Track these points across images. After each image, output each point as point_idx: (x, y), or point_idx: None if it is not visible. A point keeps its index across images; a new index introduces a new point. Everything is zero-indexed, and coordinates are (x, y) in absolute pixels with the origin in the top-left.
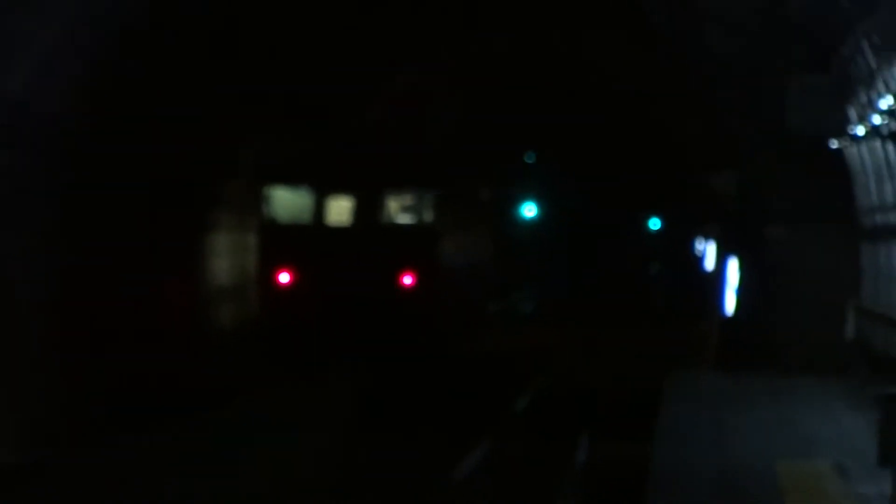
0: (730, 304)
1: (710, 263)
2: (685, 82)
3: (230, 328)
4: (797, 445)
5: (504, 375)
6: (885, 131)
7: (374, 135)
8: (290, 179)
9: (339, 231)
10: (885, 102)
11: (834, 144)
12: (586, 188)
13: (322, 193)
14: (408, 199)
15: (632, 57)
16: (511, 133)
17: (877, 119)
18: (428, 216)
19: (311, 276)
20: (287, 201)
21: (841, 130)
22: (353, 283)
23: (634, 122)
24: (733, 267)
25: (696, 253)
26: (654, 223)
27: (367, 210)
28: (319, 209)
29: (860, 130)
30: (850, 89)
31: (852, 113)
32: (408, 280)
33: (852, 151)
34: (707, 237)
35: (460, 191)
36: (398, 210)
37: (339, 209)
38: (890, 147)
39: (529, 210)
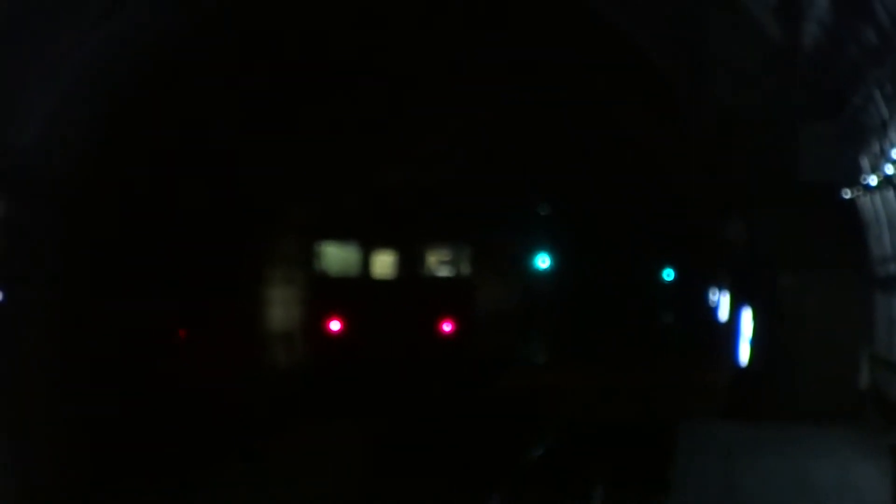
0: (744, 354)
1: (723, 313)
2: (696, 132)
3: (282, 369)
4: (810, 494)
5: (528, 415)
6: None
7: (413, 194)
8: (338, 235)
9: (383, 283)
10: None
11: (846, 194)
12: (599, 239)
13: (367, 248)
14: (445, 253)
15: (642, 107)
16: (528, 187)
17: (889, 169)
18: (464, 269)
19: (358, 324)
20: (335, 256)
21: (853, 180)
22: (397, 329)
23: (646, 172)
24: (747, 316)
25: (710, 303)
26: (668, 274)
27: (409, 263)
28: (365, 263)
29: (873, 180)
30: (863, 138)
31: (865, 162)
32: (447, 327)
33: (865, 201)
34: (721, 287)
35: (491, 245)
36: (437, 263)
37: (383, 263)
38: None
39: (543, 261)
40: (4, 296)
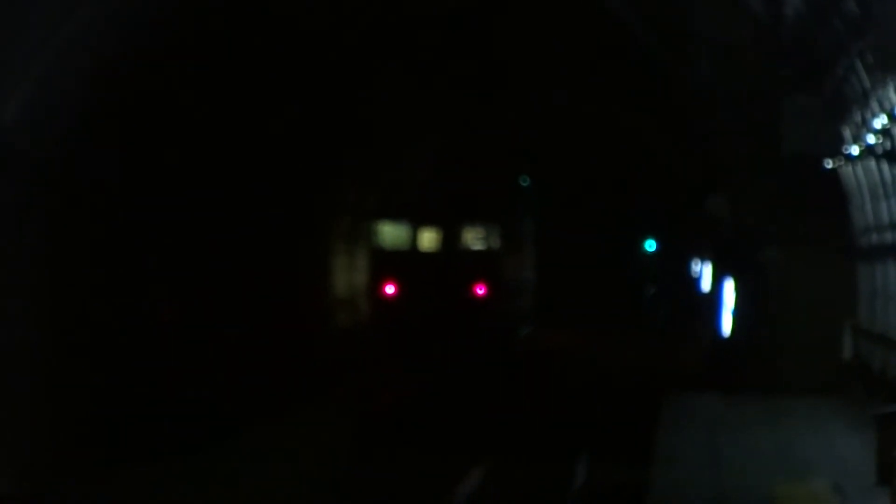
0: (726, 326)
1: (706, 285)
2: (680, 104)
3: (343, 327)
4: (794, 466)
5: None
6: (879, 150)
7: (452, 182)
8: (393, 217)
9: (428, 255)
10: (879, 122)
11: (829, 164)
12: (582, 210)
13: (416, 227)
14: (479, 231)
15: (627, 80)
16: (522, 164)
17: (871, 138)
18: (494, 243)
19: (408, 288)
20: (390, 233)
21: (835, 150)
22: (440, 292)
23: (630, 145)
24: (729, 288)
25: (693, 274)
26: (650, 245)
27: (449, 239)
28: (414, 239)
29: (855, 150)
30: (845, 109)
31: (847, 133)
32: (480, 291)
33: (847, 171)
34: (703, 259)
35: (512, 222)
36: (472, 239)
37: (429, 239)
38: (885, 166)
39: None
40: None
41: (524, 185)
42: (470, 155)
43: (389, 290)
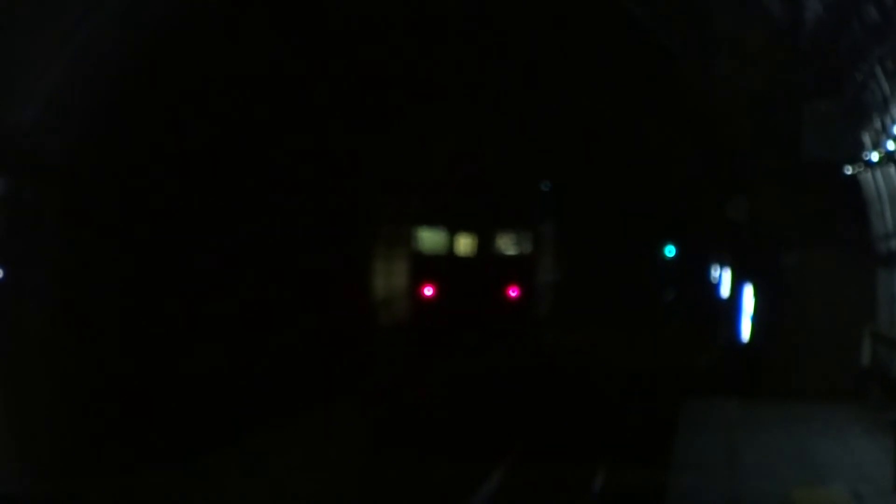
0: (745, 331)
1: (725, 290)
2: (700, 110)
3: (384, 327)
4: (812, 471)
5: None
6: None
7: (486, 191)
8: (432, 223)
9: (465, 259)
10: None
11: (848, 170)
12: (603, 215)
13: (453, 233)
14: (512, 237)
15: (647, 84)
16: (544, 169)
17: (891, 145)
18: (526, 248)
19: (446, 290)
20: (429, 238)
21: (855, 156)
22: (476, 294)
23: (650, 149)
24: (749, 293)
25: (712, 280)
26: (670, 250)
27: (484, 244)
28: (451, 244)
29: (874, 156)
30: (864, 115)
31: (866, 139)
32: (513, 293)
33: (867, 177)
34: (722, 264)
35: (541, 229)
36: (505, 244)
37: (465, 244)
38: None
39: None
40: (5, 274)
41: (545, 189)
42: (497, 161)
43: (428, 291)
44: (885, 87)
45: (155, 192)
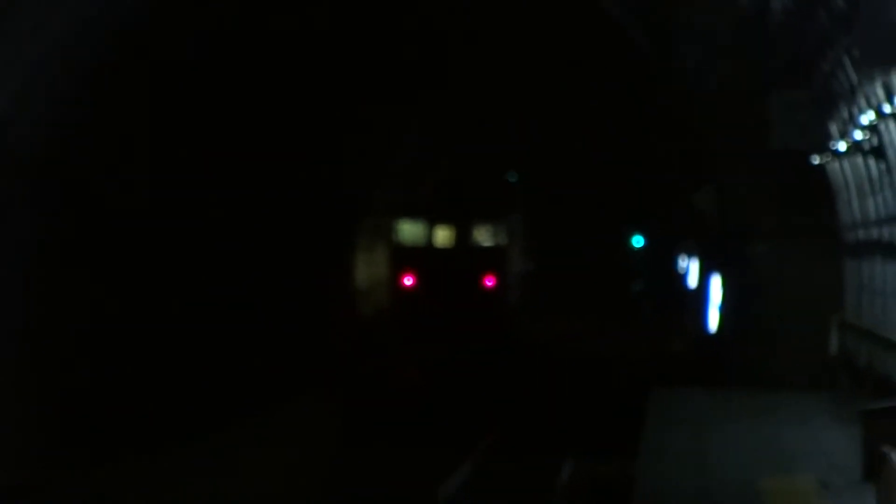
0: (713, 321)
1: (693, 280)
2: (667, 100)
3: (365, 316)
4: (780, 460)
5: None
6: (866, 146)
7: (464, 186)
8: (411, 215)
9: (443, 250)
10: (866, 118)
11: (816, 160)
12: (574, 206)
13: (432, 225)
14: (488, 228)
15: (614, 75)
16: (509, 160)
17: (858, 134)
18: (501, 239)
19: (425, 280)
20: (409, 230)
21: (823, 146)
22: (453, 283)
23: (616, 140)
24: (716, 283)
25: (680, 270)
26: (637, 240)
27: (462, 236)
28: (430, 235)
29: (842, 146)
30: (832, 105)
31: (834, 128)
32: (489, 282)
33: (834, 167)
34: (690, 254)
35: (515, 220)
36: (482, 235)
37: (444, 235)
38: (871, 162)
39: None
40: None
41: (518, 182)
42: (474, 155)
43: (408, 281)
44: (852, 77)
45: (127, 182)
